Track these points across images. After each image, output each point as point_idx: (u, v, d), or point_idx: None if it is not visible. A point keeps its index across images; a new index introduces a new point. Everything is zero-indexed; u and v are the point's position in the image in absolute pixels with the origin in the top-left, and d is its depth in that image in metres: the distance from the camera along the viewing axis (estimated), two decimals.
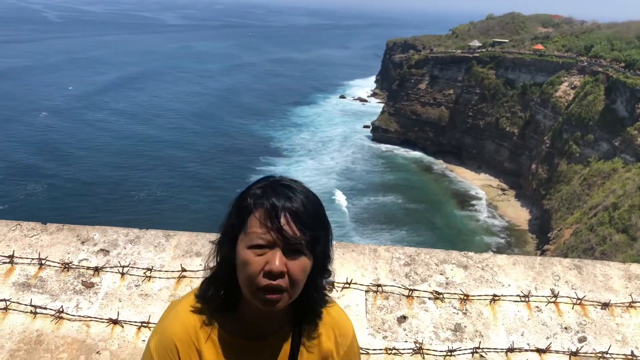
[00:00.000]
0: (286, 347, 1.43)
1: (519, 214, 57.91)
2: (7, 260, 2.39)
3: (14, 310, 2.19)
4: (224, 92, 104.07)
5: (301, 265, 1.33)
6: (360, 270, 2.45)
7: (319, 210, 1.39)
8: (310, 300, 1.44)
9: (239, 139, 77.15)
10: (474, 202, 61.41)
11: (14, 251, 2.42)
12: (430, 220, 54.81)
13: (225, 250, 1.39)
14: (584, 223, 42.33)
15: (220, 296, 1.42)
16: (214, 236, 2.60)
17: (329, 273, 1.47)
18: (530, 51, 68.36)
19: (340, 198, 57.32)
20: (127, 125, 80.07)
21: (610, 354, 2.14)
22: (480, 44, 78.14)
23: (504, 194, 63.77)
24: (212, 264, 1.44)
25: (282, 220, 1.30)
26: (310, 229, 1.33)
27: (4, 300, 2.20)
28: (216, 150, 71.76)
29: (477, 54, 73.89)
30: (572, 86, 59.44)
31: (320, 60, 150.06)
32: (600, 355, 2.14)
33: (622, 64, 55.04)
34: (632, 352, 2.16)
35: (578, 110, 54.91)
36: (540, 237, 49.78)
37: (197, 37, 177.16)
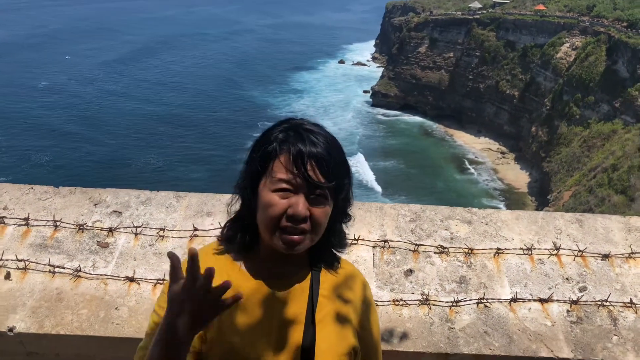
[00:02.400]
0: (305, 289, 1.46)
1: (519, 177, 58.10)
2: (23, 222, 2.45)
3: (32, 270, 2.26)
4: (223, 59, 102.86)
5: (324, 211, 1.36)
6: (367, 227, 2.52)
7: (343, 156, 1.40)
8: (328, 244, 1.48)
9: (237, 106, 76.76)
10: (473, 165, 61.56)
11: (29, 214, 2.48)
12: (430, 185, 55.05)
13: (248, 192, 1.42)
14: (583, 185, 42.52)
15: (243, 238, 1.46)
16: (224, 197, 2.68)
17: (349, 217, 1.51)
18: (531, 12, 67.26)
19: None
20: (125, 94, 79.42)
21: (609, 301, 2.22)
22: (481, 6, 76.90)
23: (504, 157, 63.83)
24: (233, 208, 1.47)
25: (308, 167, 1.32)
26: (335, 176, 1.35)
27: (23, 260, 2.26)
28: (214, 117, 71.52)
29: (478, 16, 72.77)
30: (574, 47, 58.75)
31: (318, 24, 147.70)
32: (600, 303, 2.22)
33: (625, 24, 54.26)
34: (631, 299, 2.24)
35: (579, 72, 54.44)
36: (540, 200, 50.10)
37: (199, 2, 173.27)
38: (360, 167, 57.21)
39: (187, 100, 77.32)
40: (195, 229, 2.44)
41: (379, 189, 53.29)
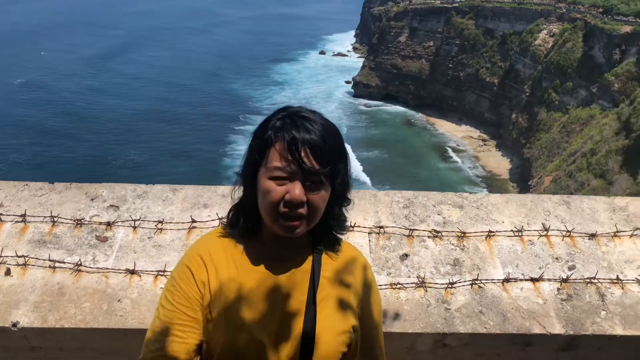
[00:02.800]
0: (306, 271, 1.50)
1: (500, 164, 58.75)
2: (20, 219, 2.45)
3: (32, 265, 2.27)
4: (203, 52, 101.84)
5: (320, 196, 1.40)
6: (362, 214, 2.57)
7: (338, 142, 1.44)
8: (328, 227, 1.52)
9: (218, 99, 76.20)
10: (455, 154, 62.05)
11: (25, 210, 2.48)
12: (414, 174, 55.41)
13: (248, 180, 1.46)
14: (563, 170, 43.18)
15: (246, 223, 1.51)
16: (220, 188, 2.71)
17: (348, 201, 1.55)
18: None
19: None
20: (104, 90, 78.30)
21: (597, 279, 2.31)
22: None
23: (485, 144, 64.44)
24: (236, 195, 1.52)
25: (302, 154, 1.36)
26: (329, 161, 1.38)
27: (23, 256, 2.28)
28: (194, 111, 70.94)
29: (457, 4, 73.05)
30: (551, 34, 59.37)
31: (298, 15, 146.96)
32: (588, 280, 2.31)
33: (600, 10, 54.93)
34: (617, 276, 2.33)
35: (557, 58, 55.05)
36: (521, 186, 50.73)
37: None
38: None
39: (167, 94, 76.51)
40: (194, 221, 2.47)
41: (367, 179, 53.44)
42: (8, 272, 2.24)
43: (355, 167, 55.48)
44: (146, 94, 76.25)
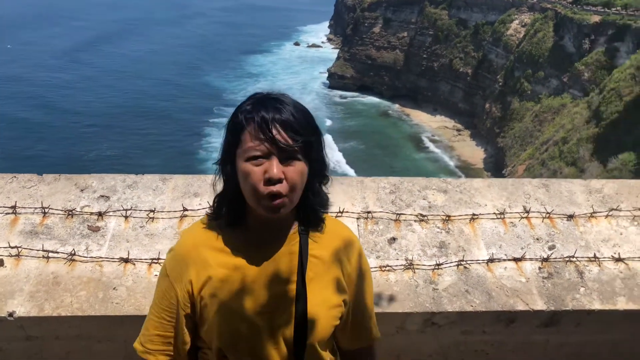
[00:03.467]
0: (293, 252, 1.55)
1: (475, 153, 59.54)
2: (10, 211, 2.45)
3: (26, 256, 2.28)
4: (175, 44, 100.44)
5: (297, 169, 1.44)
6: (350, 200, 2.64)
7: (308, 117, 1.49)
8: (311, 205, 1.56)
9: (191, 92, 75.35)
10: (431, 144, 62.64)
11: (15, 202, 2.48)
12: (390, 164, 55.75)
13: (228, 168, 1.50)
14: (536, 158, 43.98)
15: (230, 211, 1.55)
16: (210, 177, 2.75)
17: (327, 179, 1.60)
18: None
19: None
20: (74, 81, 76.70)
21: (576, 257, 2.42)
22: None
23: (460, 134, 65.18)
24: (218, 187, 1.56)
25: (274, 131, 1.40)
26: (301, 135, 1.43)
27: (15, 247, 2.28)
28: (167, 104, 69.99)
29: None
30: (523, 24, 60.19)
31: (272, 6, 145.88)
32: (567, 259, 2.42)
33: (570, 0, 55.85)
34: (594, 254, 2.45)
35: (529, 48, 55.87)
36: (496, 175, 51.47)
37: None
38: (329, 149, 57.17)
39: (139, 87, 75.39)
40: (185, 209, 2.50)
41: (351, 171, 53.50)
42: (1, 263, 2.25)
43: (339, 160, 55.58)
44: (117, 86, 75.01)
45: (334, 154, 56.79)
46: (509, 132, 53.35)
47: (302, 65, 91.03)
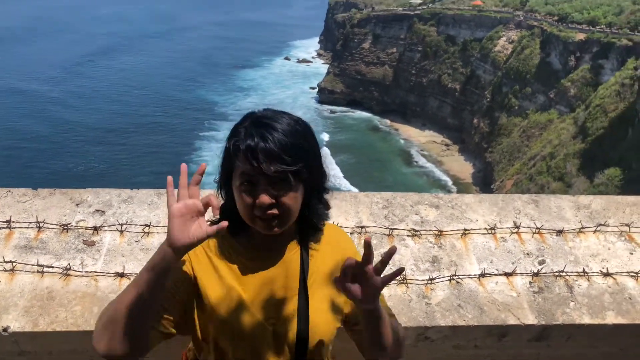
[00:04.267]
0: (294, 261, 1.60)
1: (463, 168, 59.98)
2: (5, 225, 2.45)
3: (20, 270, 2.28)
4: (167, 58, 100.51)
5: (289, 197, 1.45)
6: (344, 215, 2.67)
7: (299, 142, 1.46)
8: (309, 217, 1.59)
9: (183, 105, 75.33)
10: (419, 159, 63.00)
11: (10, 216, 2.48)
12: (379, 179, 55.98)
13: (225, 188, 1.56)
14: (524, 173, 44.41)
15: (232, 222, 1.56)
16: (204, 192, 2.75)
17: (326, 190, 1.61)
18: (469, 7, 69.50)
19: None
20: (65, 95, 76.34)
21: (565, 272, 2.47)
22: (421, 1, 78.62)
23: (448, 149, 65.69)
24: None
25: (260, 160, 1.40)
26: (289, 164, 1.42)
27: (10, 262, 2.28)
28: (159, 118, 69.86)
29: (418, 11, 74.47)
30: (510, 41, 61.15)
31: (262, 21, 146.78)
32: (557, 274, 2.47)
33: (556, 18, 56.91)
34: (583, 269, 2.49)
35: (516, 65, 56.71)
36: (484, 189, 51.86)
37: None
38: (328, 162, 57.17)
39: (131, 100, 75.23)
40: None
41: (349, 185, 53.48)
42: None
43: (336, 174, 55.59)
44: (109, 100, 74.80)
45: (332, 168, 56.88)
46: (497, 147, 53.89)
47: (292, 80, 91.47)
